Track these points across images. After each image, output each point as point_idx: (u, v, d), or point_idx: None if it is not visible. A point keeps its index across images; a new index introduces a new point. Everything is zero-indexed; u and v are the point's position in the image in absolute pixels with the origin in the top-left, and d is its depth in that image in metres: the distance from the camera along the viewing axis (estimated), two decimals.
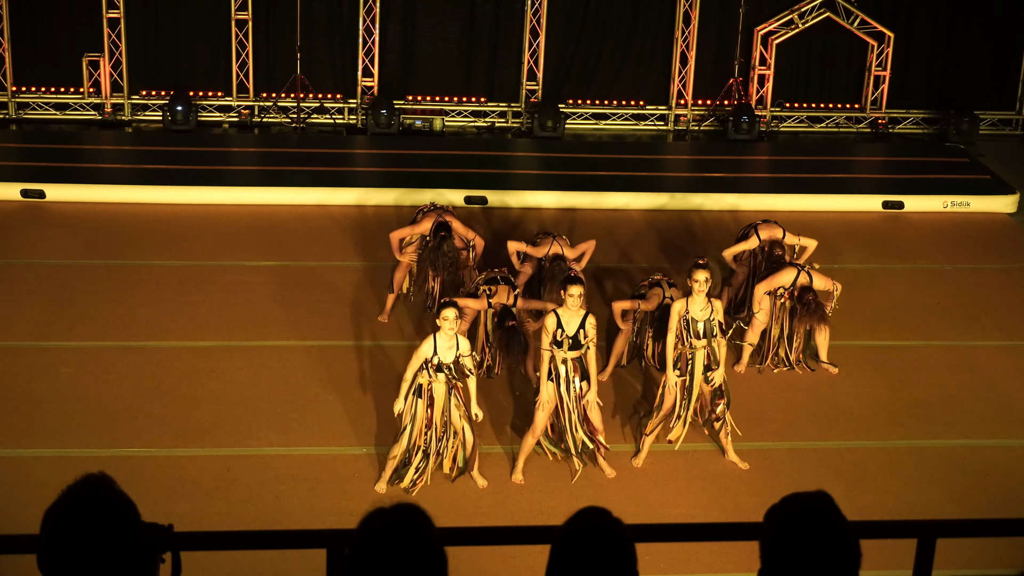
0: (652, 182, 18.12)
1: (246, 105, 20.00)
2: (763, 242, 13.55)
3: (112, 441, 11.38)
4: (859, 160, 20.04)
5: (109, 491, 3.36)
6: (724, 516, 10.48)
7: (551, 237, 13.48)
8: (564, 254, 13.24)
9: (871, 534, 4.25)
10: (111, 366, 12.63)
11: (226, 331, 13.37)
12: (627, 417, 12.16)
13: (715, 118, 20.70)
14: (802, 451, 11.81)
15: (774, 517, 3.62)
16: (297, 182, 17.13)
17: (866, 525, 4.43)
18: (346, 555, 3.44)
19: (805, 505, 3.61)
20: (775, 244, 13.49)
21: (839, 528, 3.57)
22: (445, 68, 20.46)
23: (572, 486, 11.06)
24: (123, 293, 14.03)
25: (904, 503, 10.94)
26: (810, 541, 3.53)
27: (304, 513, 10.43)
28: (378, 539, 3.38)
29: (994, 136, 20.96)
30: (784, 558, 3.54)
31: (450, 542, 3.53)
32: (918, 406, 12.63)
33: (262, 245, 15.42)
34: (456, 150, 19.13)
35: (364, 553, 3.37)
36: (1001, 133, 21.13)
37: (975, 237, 16.74)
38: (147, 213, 16.26)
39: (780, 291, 12.81)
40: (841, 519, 3.59)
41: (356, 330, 13.38)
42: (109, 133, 19.41)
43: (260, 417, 11.89)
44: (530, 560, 5.46)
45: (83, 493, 3.34)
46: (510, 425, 11.93)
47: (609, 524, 3.60)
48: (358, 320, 13.67)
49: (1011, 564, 9.93)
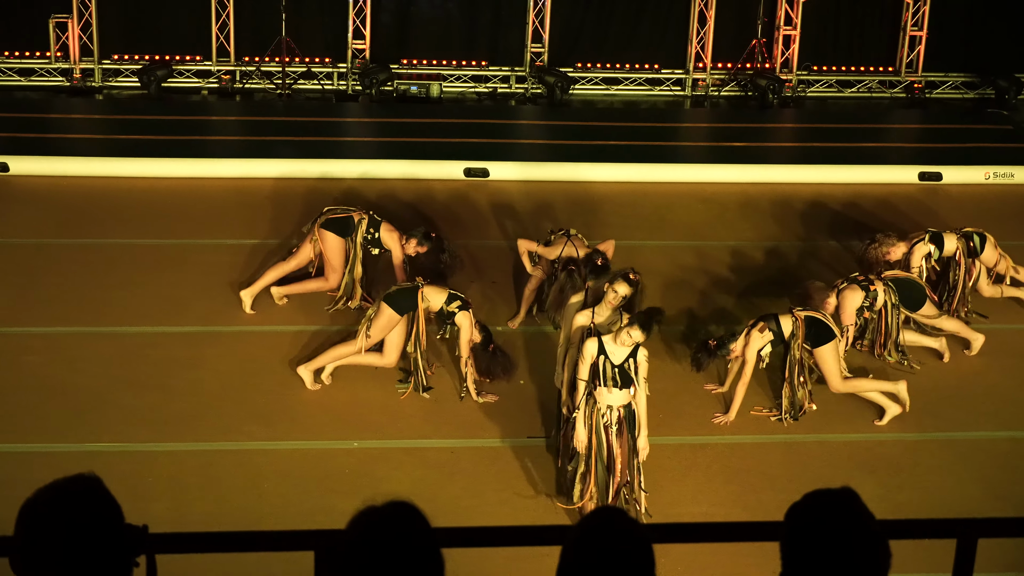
0: (668, 152, 18.10)
1: (227, 70, 19.98)
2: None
3: (82, 435, 11.38)
4: (893, 128, 20.03)
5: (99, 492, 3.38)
6: (747, 515, 10.48)
7: (566, 236, 12.99)
8: (580, 256, 12.70)
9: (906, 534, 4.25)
10: (81, 353, 12.64)
11: (206, 315, 13.37)
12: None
13: (736, 83, 20.66)
14: (832, 444, 11.81)
15: (795, 516, 3.62)
16: (283, 153, 17.12)
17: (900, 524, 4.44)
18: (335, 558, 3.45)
19: (828, 503, 3.61)
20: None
21: (865, 527, 3.57)
22: (443, 29, 20.46)
23: None
24: (94, 274, 14.03)
25: (942, 500, 10.94)
26: (833, 541, 3.53)
27: (290, 512, 10.43)
28: (370, 540, 3.38)
29: None
30: (805, 560, 3.54)
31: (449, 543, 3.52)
32: (956, 395, 12.62)
33: (245, 221, 15.40)
34: (455, 118, 19.12)
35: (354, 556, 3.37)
36: None
37: (1020, 211, 16.70)
38: (120, 187, 16.24)
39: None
40: (868, 517, 3.58)
41: (347, 315, 13.38)
42: (78, 101, 19.41)
43: (243, 409, 11.89)
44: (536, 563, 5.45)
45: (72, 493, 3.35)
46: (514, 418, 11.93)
47: (625, 524, 3.61)
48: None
49: None
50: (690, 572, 9.61)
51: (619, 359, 10.13)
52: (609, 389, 10.17)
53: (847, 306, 12.53)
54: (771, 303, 13.31)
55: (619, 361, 10.13)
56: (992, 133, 19.07)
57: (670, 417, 11.78)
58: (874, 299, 12.60)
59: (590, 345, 10.20)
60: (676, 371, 12.60)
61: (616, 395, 10.19)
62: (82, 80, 19.70)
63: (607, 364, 10.12)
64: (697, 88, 20.72)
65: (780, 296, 13.53)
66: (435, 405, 12.09)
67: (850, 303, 12.55)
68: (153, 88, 19.44)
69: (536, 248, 13.15)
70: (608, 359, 10.12)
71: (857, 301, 12.56)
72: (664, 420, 11.57)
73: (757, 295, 14.02)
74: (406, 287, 12.12)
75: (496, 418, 11.89)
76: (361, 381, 12.33)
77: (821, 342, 11.82)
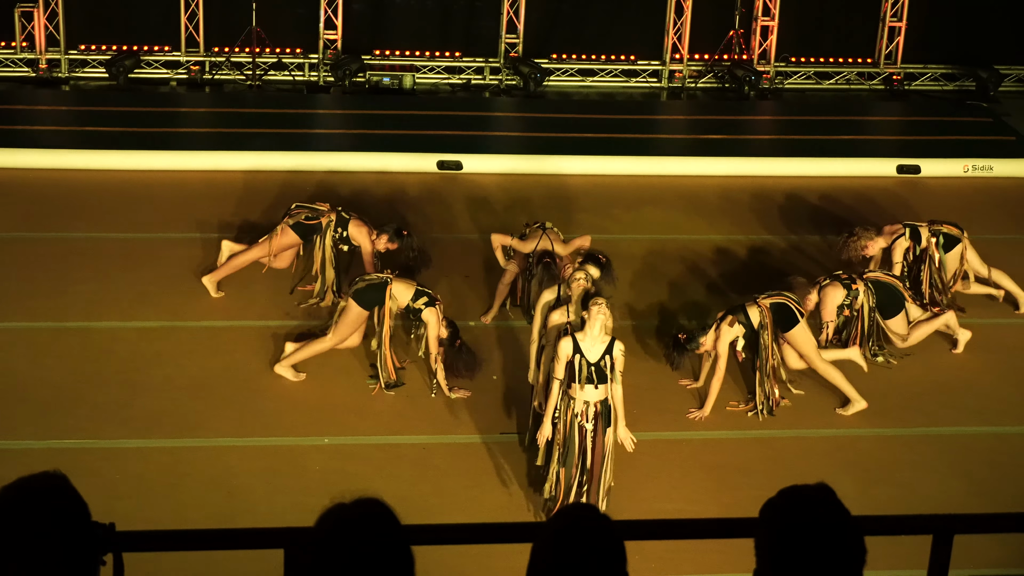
0: (644, 145, 18.12)
1: (196, 61, 19.92)
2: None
3: (48, 432, 11.34)
4: (872, 120, 20.08)
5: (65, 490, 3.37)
6: (723, 511, 10.49)
7: (541, 230, 13.02)
8: (555, 250, 12.78)
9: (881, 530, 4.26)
10: (47, 349, 12.59)
11: (174, 310, 13.34)
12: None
13: (714, 74, 20.69)
14: (808, 440, 11.84)
15: (770, 512, 3.62)
16: (253, 145, 17.08)
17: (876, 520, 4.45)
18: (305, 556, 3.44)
19: (803, 499, 3.62)
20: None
21: (840, 523, 3.57)
22: (417, 19, 20.43)
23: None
24: (60, 269, 13.98)
25: (921, 496, 10.98)
26: (808, 538, 3.53)
27: (260, 510, 10.43)
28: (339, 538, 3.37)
29: (1019, 93, 21.00)
30: (780, 556, 3.54)
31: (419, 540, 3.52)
32: (937, 390, 12.66)
33: (214, 215, 15.36)
34: (428, 110, 19.10)
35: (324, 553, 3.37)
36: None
37: (999, 204, 16.77)
38: (87, 180, 16.19)
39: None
40: (843, 513, 3.59)
41: (318, 310, 13.36)
42: (45, 92, 19.33)
43: (211, 405, 11.87)
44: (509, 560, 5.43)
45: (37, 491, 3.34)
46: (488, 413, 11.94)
47: (597, 521, 3.61)
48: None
49: None
50: (664, 569, 9.63)
51: (595, 357, 10.10)
52: (582, 387, 10.14)
53: (828, 302, 12.61)
54: (748, 297, 13.39)
55: (595, 359, 10.11)
56: (971, 126, 19.13)
57: (645, 412, 11.78)
58: (855, 298, 12.66)
59: (565, 344, 10.17)
60: (650, 366, 12.62)
61: (592, 392, 10.17)
62: (48, 71, 19.62)
63: (583, 362, 10.09)
64: (674, 80, 20.73)
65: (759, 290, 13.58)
66: (407, 401, 12.08)
67: (831, 300, 12.62)
68: (121, 79, 19.37)
69: (511, 242, 13.15)
70: (584, 357, 10.09)
71: (838, 298, 12.64)
72: (639, 415, 11.57)
73: (735, 289, 14.04)
74: (374, 282, 12.13)
75: (468, 414, 11.90)
76: (332, 377, 12.32)
77: (790, 326, 11.90)
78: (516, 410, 11.88)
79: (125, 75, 19.42)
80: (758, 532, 3.62)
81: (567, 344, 10.17)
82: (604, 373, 10.10)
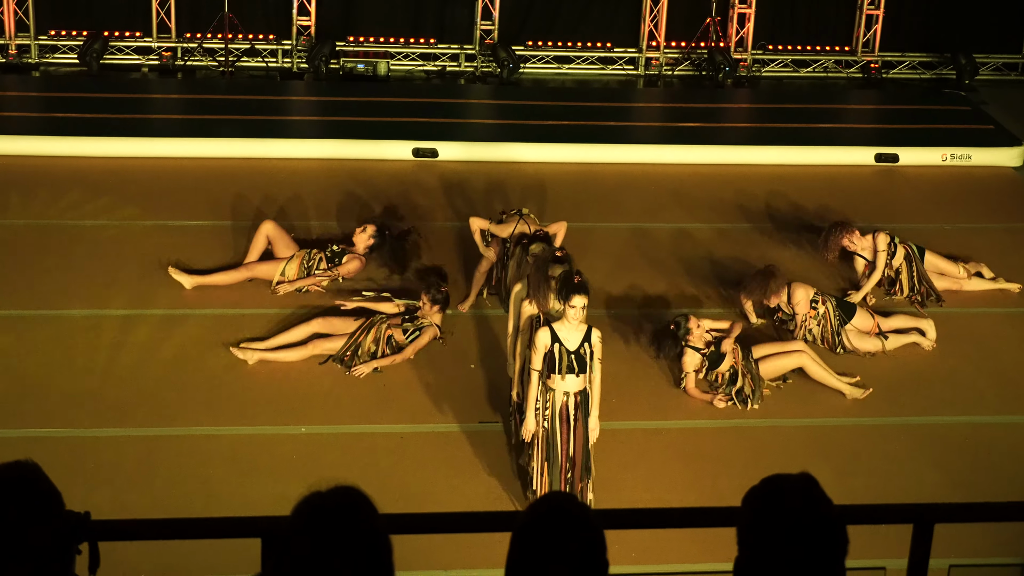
0: (620, 133, 18.13)
1: (168, 47, 19.85)
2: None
3: (19, 421, 11.30)
4: (849, 108, 20.11)
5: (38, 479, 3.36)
6: (701, 500, 10.52)
7: (518, 215, 13.08)
8: (531, 234, 12.74)
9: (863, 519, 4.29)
10: (17, 338, 12.55)
11: (147, 298, 13.30)
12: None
13: (690, 62, 20.71)
14: (787, 429, 11.86)
15: (752, 501, 3.64)
16: (225, 133, 17.03)
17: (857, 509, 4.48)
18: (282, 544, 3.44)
19: (786, 488, 3.64)
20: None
21: (823, 512, 3.59)
22: (390, 5, 20.38)
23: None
24: (30, 257, 13.92)
25: (898, 486, 11.01)
26: (791, 527, 3.55)
27: (236, 499, 10.41)
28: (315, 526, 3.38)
29: (998, 82, 21.07)
30: (763, 545, 3.56)
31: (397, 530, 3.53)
32: (913, 380, 12.71)
33: (186, 203, 15.33)
34: (403, 97, 19.07)
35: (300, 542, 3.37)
36: (1006, 79, 21.24)
37: (977, 193, 16.82)
38: (57, 167, 16.13)
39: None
40: (826, 503, 3.61)
41: (293, 298, 13.34)
42: (14, 78, 19.24)
43: (186, 394, 11.85)
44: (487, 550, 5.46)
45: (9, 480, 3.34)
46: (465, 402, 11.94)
47: (575, 510, 3.62)
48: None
49: (1016, 552, 10.02)
50: (643, 558, 9.64)
51: (574, 345, 10.06)
52: (563, 376, 10.10)
53: (799, 297, 12.88)
54: (725, 285, 13.45)
55: (574, 347, 10.06)
56: (949, 114, 19.18)
57: (623, 402, 11.81)
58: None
59: (543, 335, 10.09)
60: (629, 355, 12.64)
61: (571, 381, 10.14)
62: (18, 56, 19.54)
63: (562, 351, 10.05)
64: (650, 67, 20.74)
65: (735, 278, 13.65)
66: (384, 390, 12.08)
67: (802, 295, 12.84)
68: (92, 65, 19.30)
69: (489, 226, 13.16)
70: (563, 346, 10.04)
71: (809, 294, 12.87)
72: (617, 405, 11.60)
73: (712, 277, 14.08)
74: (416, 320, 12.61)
75: (446, 403, 11.89)
76: (309, 366, 12.30)
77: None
78: (494, 400, 11.88)
79: (96, 61, 19.34)
80: (740, 521, 3.64)
81: (545, 334, 10.10)
82: (584, 361, 10.07)
